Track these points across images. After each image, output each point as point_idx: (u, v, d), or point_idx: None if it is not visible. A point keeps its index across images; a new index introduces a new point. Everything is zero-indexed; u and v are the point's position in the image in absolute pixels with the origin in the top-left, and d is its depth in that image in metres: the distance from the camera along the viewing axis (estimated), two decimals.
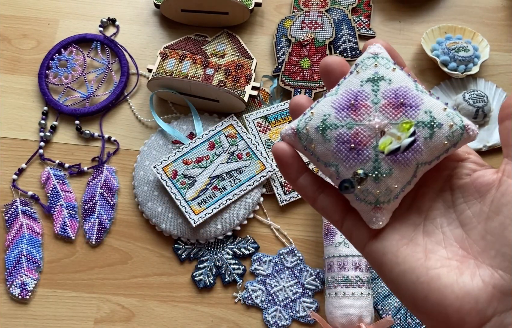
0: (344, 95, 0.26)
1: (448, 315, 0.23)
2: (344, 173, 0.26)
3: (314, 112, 0.27)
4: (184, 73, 0.60)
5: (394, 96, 0.25)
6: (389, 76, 0.26)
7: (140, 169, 0.59)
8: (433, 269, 0.24)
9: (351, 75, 0.27)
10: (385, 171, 0.25)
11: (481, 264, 0.24)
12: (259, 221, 0.58)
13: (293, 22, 0.66)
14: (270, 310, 0.54)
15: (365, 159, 0.25)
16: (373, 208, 0.26)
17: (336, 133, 0.26)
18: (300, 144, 0.27)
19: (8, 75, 0.66)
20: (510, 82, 0.64)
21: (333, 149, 0.26)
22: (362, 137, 0.25)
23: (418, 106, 0.25)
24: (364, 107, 0.25)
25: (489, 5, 0.69)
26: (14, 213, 0.58)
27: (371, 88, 0.26)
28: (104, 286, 0.56)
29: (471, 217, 0.25)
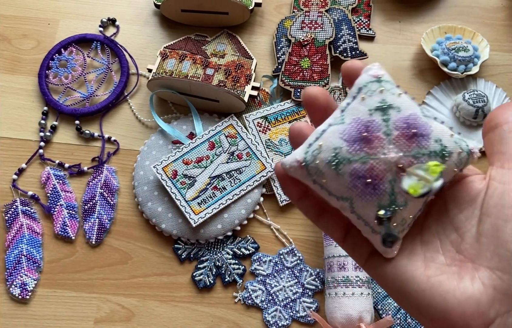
0: (354, 126, 0.25)
1: (453, 321, 0.24)
2: (359, 207, 0.25)
3: (323, 145, 0.25)
4: (184, 73, 0.60)
5: (406, 127, 0.25)
6: (397, 103, 0.25)
7: (140, 169, 0.59)
8: (434, 277, 0.25)
9: (355, 101, 0.26)
10: (401, 204, 0.25)
11: (479, 267, 0.24)
12: (259, 221, 0.58)
13: (293, 22, 0.66)
14: (270, 310, 0.54)
15: (382, 193, 0.25)
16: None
17: (351, 168, 0.25)
18: (309, 178, 0.26)
19: (8, 75, 0.66)
20: (510, 82, 0.64)
21: (348, 184, 0.25)
22: (378, 172, 0.25)
23: (429, 135, 0.25)
24: (377, 139, 0.25)
25: (489, 5, 0.69)
26: (14, 213, 0.58)
27: (382, 118, 0.25)
28: (104, 286, 0.56)
29: (463, 221, 0.26)
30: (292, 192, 0.28)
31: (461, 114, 0.61)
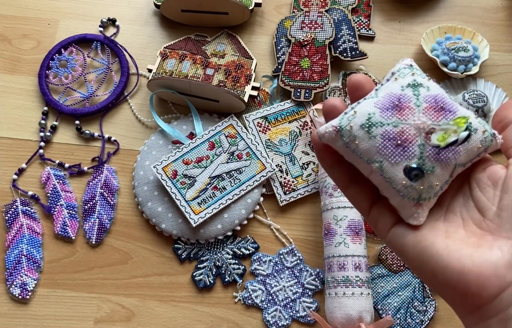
0: (387, 97, 0.27)
1: (468, 282, 0.24)
2: (388, 169, 0.27)
3: (357, 111, 0.27)
4: (184, 73, 0.60)
5: (434, 101, 0.27)
6: (427, 84, 0.28)
7: (140, 169, 0.59)
8: (453, 245, 0.26)
9: (389, 81, 0.28)
10: (429, 168, 0.26)
11: (498, 238, 0.25)
12: (259, 221, 0.58)
13: (293, 22, 0.66)
14: (270, 310, 0.54)
15: (411, 156, 0.26)
16: (415, 204, 0.27)
17: (382, 131, 0.27)
18: (341, 142, 0.28)
19: (8, 75, 0.66)
20: (509, 82, 0.64)
21: (379, 145, 0.27)
22: (408, 135, 0.26)
23: (455, 112, 0.27)
24: (408, 108, 0.27)
25: (489, 5, 0.69)
26: (14, 213, 0.58)
27: (412, 93, 0.27)
28: (104, 286, 0.56)
29: (486, 201, 0.27)
30: (325, 158, 0.30)
31: None
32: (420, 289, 0.54)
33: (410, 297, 0.54)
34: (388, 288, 0.55)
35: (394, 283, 0.55)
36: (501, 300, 0.24)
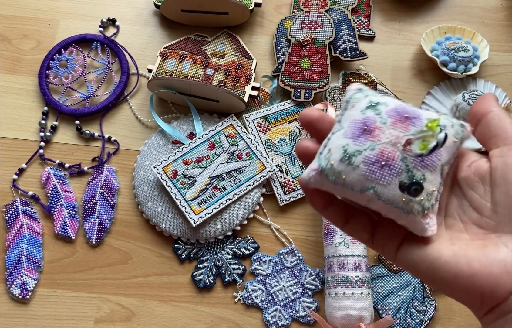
0: (353, 125, 0.28)
1: (480, 284, 0.25)
2: (383, 191, 0.27)
3: (332, 148, 0.27)
4: (184, 73, 0.60)
5: (397, 113, 0.27)
6: (383, 100, 0.28)
7: (140, 169, 0.59)
8: (459, 250, 0.26)
9: (347, 110, 0.29)
10: (420, 177, 0.26)
11: (501, 235, 0.26)
12: (259, 221, 0.58)
13: (293, 22, 0.66)
14: (270, 310, 0.54)
15: (399, 172, 0.26)
16: (422, 215, 0.27)
17: (363, 157, 0.26)
18: (328, 181, 0.28)
19: (8, 75, 0.66)
20: (509, 82, 0.64)
21: (365, 172, 0.26)
22: (388, 154, 0.26)
23: (419, 116, 0.27)
24: (377, 129, 0.27)
25: (488, 5, 0.69)
26: (15, 213, 0.58)
27: (374, 113, 0.27)
28: (104, 286, 0.56)
29: (479, 199, 0.27)
30: (317, 202, 0.30)
31: (461, 115, 0.61)
32: (420, 289, 0.54)
33: (410, 297, 0.54)
34: (388, 288, 0.55)
35: (394, 283, 0.55)
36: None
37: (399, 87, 0.64)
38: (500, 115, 0.29)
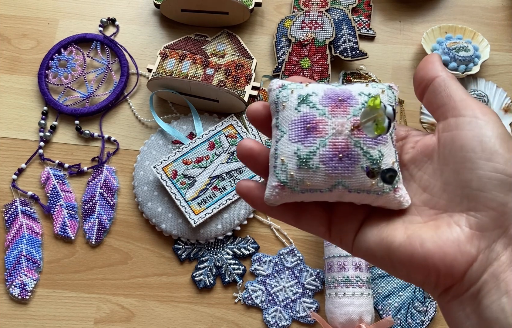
0: (294, 127, 0.27)
1: (435, 265, 0.24)
2: (352, 182, 0.26)
3: (283, 158, 0.26)
4: (184, 73, 0.60)
5: (330, 100, 0.27)
6: (310, 90, 0.27)
7: (140, 169, 0.59)
8: (413, 233, 0.25)
9: (280, 112, 0.27)
10: (378, 155, 0.26)
11: (452, 214, 0.25)
12: (259, 221, 0.58)
13: (293, 22, 0.66)
14: (270, 310, 0.54)
15: (358, 158, 0.26)
16: (394, 191, 0.27)
17: (319, 157, 0.26)
18: (295, 193, 0.27)
19: (8, 75, 0.66)
20: (510, 82, 0.64)
21: (327, 171, 0.26)
22: (341, 144, 0.26)
23: (351, 94, 0.27)
24: (319, 123, 0.26)
25: (489, 5, 0.69)
26: (14, 213, 0.58)
27: (309, 107, 0.27)
28: (104, 286, 0.56)
29: (428, 179, 0.27)
30: (264, 208, 0.28)
31: None
32: (421, 290, 0.54)
33: (410, 297, 0.54)
34: (388, 288, 0.54)
35: (394, 283, 0.55)
36: (470, 275, 0.24)
37: (399, 87, 0.64)
38: (446, 81, 0.27)
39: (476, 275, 0.23)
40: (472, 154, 0.24)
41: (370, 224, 0.27)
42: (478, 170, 0.24)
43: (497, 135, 0.24)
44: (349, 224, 0.28)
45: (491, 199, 0.23)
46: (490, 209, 0.23)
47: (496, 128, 0.25)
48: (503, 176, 0.23)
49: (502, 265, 0.23)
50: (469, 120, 0.25)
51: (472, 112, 0.25)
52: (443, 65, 0.28)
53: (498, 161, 0.24)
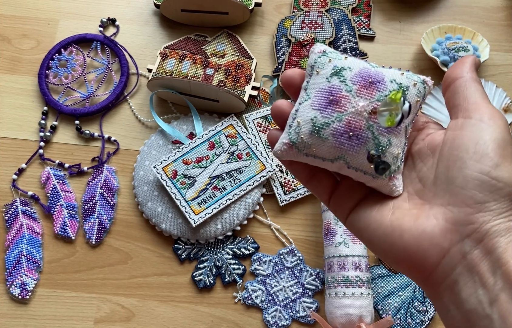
0: (319, 95, 0.28)
1: (412, 256, 0.26)
2: (353, 160, 0.28)
3: (300, 121, 0.28)
4: (184, 73, 0.60)
5: (361, 79, 0.28)
6: (347, 64, 0.28)
7: (140, 169, 0.59)
8: (396, 220, 0.27)
9: (312, 77, 0.29)
10: (386, 143, 0.27)
11: (433, 206, 0.26)
12: (259, 221, 0.58)
13: (293, 22, 0.66)
14: (270, 310, 0.54)
15: (366, 140, 0.27)
16: (389, 178, 0.28)
17: (331, 130, 0.27)
18: (300, 154, 0.29)
19: (8, 75, 0.66)
20: (510, 82, 0.64)
21: (335, 144, 0.27)
22: (355, 124, 0.27)
23: (383, 79, 0.28)
24: (343, 98, 0.27)
25: (489, 5, 0.69)
26: (14, 213, 0.58)
27: (339, 80, 0.28)
28: (104, 286, 0.56)
29: (426, 171, 0.28)
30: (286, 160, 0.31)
31: None
32: (421, 289, 0.54)
33: (410, 297, 0.54)
34: (388, 288, 0.54)
35: (394, 283, 0.55)
36: (443, 267, 0.25)
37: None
38: (467, 83, 0.28)
39: (449, 267, 0.25)
40: (464, 154, 0.26)
41: (365, 204, 0.29)
42: (465, 169, 0.25)
43: (493, 139, 0.25)
44: (347, 200, 0.30)
45: (470, 197, 0.25)
46: (467, 205, 0.25)
47: (496, 133, 0.26)
48: (487, 177, 0.25)
49: (475, 259, 0.24)
50: (474, 123, 0.26)
51: (480, 115, 0.26)
52: (474, 67, 0.29)
53: (486, 163, 0.25)
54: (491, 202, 0.24)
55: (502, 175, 0.25)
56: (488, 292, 0.23)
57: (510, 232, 0.24)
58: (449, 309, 0.25)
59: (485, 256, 0.24)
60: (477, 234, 0.24)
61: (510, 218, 0.24)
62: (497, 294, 0.23)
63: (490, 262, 0.24)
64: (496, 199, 0.24)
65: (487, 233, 0.24)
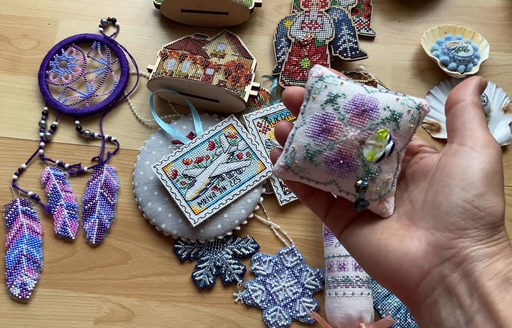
0: (314, 122, 0.29)
1: (395, 275, 0.27)
2: (344, 184, 0.29)
3: (295, 147, 0.30)
4: (184, 73, 0.60)
5: (354, 107, 0.29)
6: (342, 91, 0.29)
7: (140, 168, 0.59)
8: (384, 239, 0.28)
9: (309, 102, 0.30)
10: (376, 170, 0.29)
11: (418, 228, 0.27)
12: (259, 221, 0.58)
13: (293, 22, 0.66)
14: (270, 310, 0.54)
15: (356, 168, 0.29)
16: (379, 202, 0.29)
17: (323, 157, 0.29)
18: (296, 176, 0.30)
19: (8, 75, 0.66)
20: (510, 82, 0.64)
21: (326, 170, 0.29)
22: (346, 152, 0.28)
23: (376, 107, 0.29)
24: (335, 126, 0.29)
25: (489, 5, 0.69)
26: (14, 213, 0.58)
27: (333, 108, 0.29)
28: (104, 286, 0.56)
29: (417, 193, 0.29)
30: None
31: None
32: None
33: None
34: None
35: None
36: (423, 288, 0.26)
37: (399, 87, 0.64)
38: (468, 107, 0.29)
39: (429, 287, 0.26)
40: (452, 181, 0.27)
41: (357, 223, 0.30)
42: (451, 196, 0.26)
43: (481, 169, 0.26)
44: (342, 217, 0.31)
45: (452, 223, 0.26)
46: (449, 231, 0.26)
47: (485, 163, 0.26)
48: (470, 206, 0.26)
49: (454, 281, 0.25)
50: (466, 150, 0.27)
51: (473, 143, 0.27)
52: (478, 91, 0.29)
53: (471, 192, 0.26)
54: (471, 230, 0.26)
55: (485, 204, 0.26)
56: (465, 313, 0.25)
57: (487, 257, 0.25)
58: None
59: (463, 279, 0.25)
60: (456, 258, 0.25)
61: (488, 244, 0.25)
62: (473, 315, 0.24)
63: (467, 285, 0.25)
64: (477, 227, 0.26)
65: (466, 257, 0.25)
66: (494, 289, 0.24)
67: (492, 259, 0.25)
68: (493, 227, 0.26)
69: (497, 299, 0.24)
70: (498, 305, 0.24)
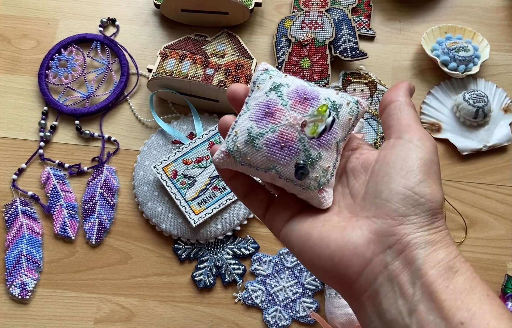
0: (257, 107, 0.30)
1: (336, 265, 0.27)
2: (284, 170, 0.29)
3: (238, 131, 0.30)
4: (184, 73, 0.60)
5: (296, 95, 0.30)
6: (285, 81, 0.30)
7: (140, 169, 0.59)
8: (325, 231, 0.28)
9: (254, 92, 0.31)
10: (316, 156, 0.29)
11: (360, 218, 0.28)
12: (259, 221, 0.58)
13: (293, 22, 0.66)
14: (270, 310, 0.54)
15: (297, 152, 0.29)
16: (318, 191, 0.30)
17: (264, 140, 0.29)
18: (236, 163, 0.30)
19: (8, 75, 0.66)
20: (510, 82, 0.64)
21: (267, 154, 0.29)
22: (287, 135, 0.29)
23: (318, 97, 0.30)
24: (278, 111, 0.29)
25: (489, 5, 0.69)
26: (14, 213, 0.58)
27: (276, 95, 0.30)
28: (104, 286, 0.56)
29: (358, 187, 0.30)
30: (224, 173, 0.33)
31: (461, 114, 0.61)
32: None
33: None
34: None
35: None
36: (366, 277, 0.26)
37: None
38: (401, 106, 0.30)
39: (371, 276, 0.26)
40: (392, 170, 0.27)
41: (298, 217, 0.30)
42: (391, 183, 0.27)
43: (420, 158, 0.27)
44: (282, 214, 0.31)
45: (394, 210, 0.26)
46: (390, 218, 0.26)
47: (423, 153, 0.27)
48: (410, 192, 0.26)
49: (396, 270, 0.25)
50: (404, 143, 0.28)
51: (410, 136, 0.28)
52: (409, 93, 0.31)
53: (411, 179, 0.26)
54: (412, 216, 0.26)
55: (425, 191, 0.26)
56: (407, 303, 0.24)
57: (429, 245, 0.25)
58: (372, 319, 0.26)
59: (405, 267, 0.25)
60: (398, 245, 0.25)
61: (430, 231, 0.26)
62: (416, 304, 0.24)
63: (410, 273, 0.25)
64: (418, 213, 0.26)
65: (408, 244, 0.25)
66: (437, 278, 0.24)
67: (433, 247, 0.25)
68: (433, 213, 0.26)
69: (440, 288, 0.24)
70: (442, 295, 0.24)
